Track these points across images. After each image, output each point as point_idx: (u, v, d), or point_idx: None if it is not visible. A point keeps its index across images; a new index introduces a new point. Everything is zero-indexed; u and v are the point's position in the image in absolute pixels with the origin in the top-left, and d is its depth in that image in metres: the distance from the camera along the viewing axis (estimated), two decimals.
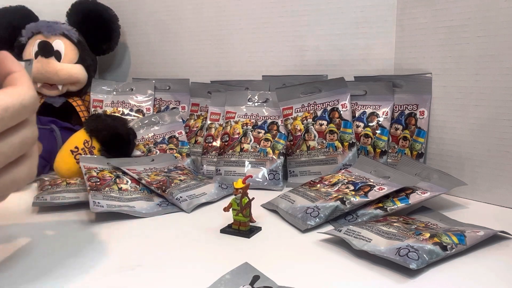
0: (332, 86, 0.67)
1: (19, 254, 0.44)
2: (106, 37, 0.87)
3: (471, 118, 0.58)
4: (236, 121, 0.72)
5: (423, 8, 0.62)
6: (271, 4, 0.75)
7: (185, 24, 0.85)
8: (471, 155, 0.59)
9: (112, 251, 0.44)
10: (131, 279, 0.39)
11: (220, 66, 0.83)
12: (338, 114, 0.66)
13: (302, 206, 0.52)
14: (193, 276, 0.39)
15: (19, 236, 0.48)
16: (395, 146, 0.65)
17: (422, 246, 0.39)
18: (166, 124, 0.76)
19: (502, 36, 0.55)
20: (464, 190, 0.59)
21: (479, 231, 0.44)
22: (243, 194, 0.47)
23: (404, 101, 0.65)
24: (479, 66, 0.57)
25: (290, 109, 0.69)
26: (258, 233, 0.48)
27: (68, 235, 0.48)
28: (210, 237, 0.48)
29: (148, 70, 0.92)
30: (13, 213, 0.56)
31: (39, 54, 0.78)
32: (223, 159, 0.69)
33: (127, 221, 0.52)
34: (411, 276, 0.38)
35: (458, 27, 0.58)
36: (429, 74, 0.62)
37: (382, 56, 0.68)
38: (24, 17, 0.82)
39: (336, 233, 0.45)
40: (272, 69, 0.77)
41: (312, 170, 0.66)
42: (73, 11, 0.85)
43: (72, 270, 0.40)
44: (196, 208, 0.56)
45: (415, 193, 0.51)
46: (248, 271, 0.37)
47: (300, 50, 0.75)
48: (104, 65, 0.96)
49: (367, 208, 0.51)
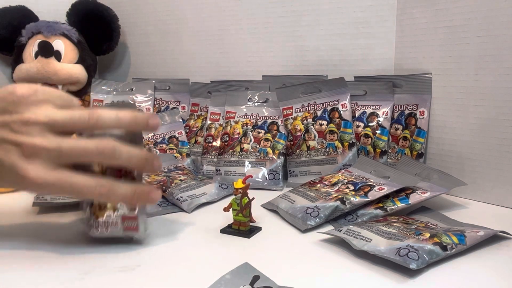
0: (332, 86, 0.67)
1: (19, 254, 0.43)
2: (106, 37, 0.87)
3: (471, 118, 0.58)
4: (236, 121, 0.72)
5: (423, 8, 0.62)
6: (271, 4, 0.75)
7: (185, 24, 0.85)
8: (471, 155, 0.59)
9: (112, 251, 0.44)
10: (131, 279, 0.39)
11: (220, 66, 0.83)
12: (338, 114, 0.66)
13: (302, 206, 0.52)
14: (193, 276, 0.39)
15: (19, 236, 0.48)
16: (395, 146, 0.65)
17: (422, 246, 0.39)
18: (166, 124, 0.76)
19: (502, 36, 0.55)
20: (464, 190, 0.59)
21: (479, 231, 0.44)
22: (243, 194, 0.47)
23: (404, 101, 0.65)
24: (479, 66, 0.57)
25: (290, 109, 0.69)
26: (258, 233, 0.48)
27: (68, 235, 0.48)
28: (210, 237, 0.48)
29: (148, 70, 0.92)
30: (13, 213, 0.56)
31: (39, 54, 0.78)
32: (223, 159, 0.69)
33: None
34: (411, 276, 0.38)
35: (458, 27, 0.58)
36: (429, 74, 0.62)
37: (382, 56, 0.68)
38: (24, 17, 0.82)
39: (336, 233, 0.45)
40: (272, 69, 0.77)
41: (312, 170, 0.66)
42: (73, 11, 0.85)
43: (72, 270, 0.40)
44: (196, 208, 0.56)
45: (415, 193, 0.51)
46: (248, 271, 0.37)
47: (300, 50, 0.75)
48: (104, 65, 0.96)
49: (367, 208, 0.51)
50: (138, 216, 0.44)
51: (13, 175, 0.39)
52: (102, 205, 0.44)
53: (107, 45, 0.87)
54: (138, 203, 0.43)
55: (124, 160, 0.41)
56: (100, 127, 0.41)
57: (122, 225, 0.44)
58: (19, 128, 0.39)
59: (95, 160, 0.41)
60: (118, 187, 0.41)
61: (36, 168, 0.39)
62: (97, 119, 0.41)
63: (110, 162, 0.42)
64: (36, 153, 0.39)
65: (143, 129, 0.44)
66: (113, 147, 0.40)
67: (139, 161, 0.42)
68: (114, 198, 0.42)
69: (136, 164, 0.42)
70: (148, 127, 0.43)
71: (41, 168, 0.39)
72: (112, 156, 0.40)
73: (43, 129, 0.40)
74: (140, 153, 0.42)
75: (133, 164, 0.42)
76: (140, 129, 0.44)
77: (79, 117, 0.41)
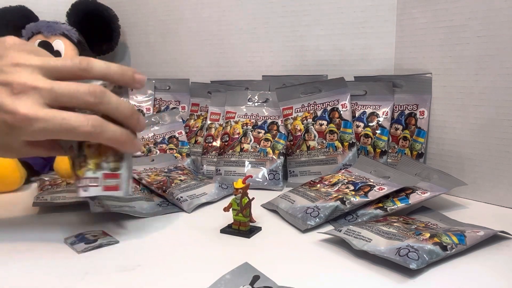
0: (332, 86, 0.67)
1: (19, 254, 0.44)
2: (106, 37, 0.87)
3: (471, 118, 0.58)
4: (236, 121, 0.72)
5: (423, 8, 0.62)
6: (271, 4, 0.75)
7: (185, 24, 0.85)
8: (471, 155, 0.59)
9: (112, 251, 0.44)
10: (131, 279, 0.39)
11: (220, 66, 0.83)
12: (338, 114, 0.66)
13: (302, 206, 0.52)
14: (193, 276, 0.39)
15: (19, 236, 0.48)
16: (395, 146, 0.65)
17: (422, 246, 0.39)
18: (166, 124, 0.76)
19: (502, 36, 0.55)
20: (464, 190, 0.59)
21: (479, 231, 0.44)
22: (243, 194, 0.47)
23: (404, 101, 0.65)
24: (479, 66, 0.57)
25: (290, 109, 0.69)
26: (258, 233, 0.48)
27: (68, 235, 0.48)
28: (210, 237, 0.48)
29: (148, 70, 0.92)
30: (13, 213, 0.56)
31: None
32: (223, 159, 0.69)
33: (128, 221, 0.52)
34: (411, 276, 0.38)
35: (458, 27, 0.58)
36: (429, 74, 0.62)
37: (382, 56, 0.68)
38: (24, 17, 0.82)
39: (336, 233, 0.45)
40: (272, 69, 0.77)
41: (312, 170, 0.66)
42: (73, 11, 0.85)
43: (72, 270, 0.40)
44: (196, 208, 0.56)
45: (415, 193, 0.51)
46: (248, 271, 0.37)
47: (300, 50, 0.75)
48: None
49: (367, 208, 0.51)
50: (121, 174, 0.43)
51: (1, 115, 0.38)
52: (83, 162, 0.43)
53: (107, 45, 0.87)
54: (124, 146, 0.43)
55: (112, 106, 0.41)
56: (90, 73, 0.41)
57: (104, 183, 0.43)
58: (9, 69, 0.39)
59: (85, 101, 0.40)
60: (108, 124, 0.41)
61: (26, 104, 0.38)
62: (87, 63, 0.41)
63: (98, 107, 0.41)
64: (26, 92, 0.38)
65: (129, 83, 0.44)
66: (103, 90, 0.41)
67: (126, 110, 0.42)
68: (105, 134, 0.41)
69: (123, 113, 0.42)
70: (134, 81, 0.44)
71: (31, 104, 0.38)
72: (102, 100, 0.40)
73: (34, 71, 0.39)
74: (128, 104, 0.43)
75: (120, 113, 0.42)
76: (126, 82, 0.44)
77: (71, 61, 0.41)
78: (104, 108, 0.41)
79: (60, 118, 0.39)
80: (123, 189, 0.44)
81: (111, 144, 0.42)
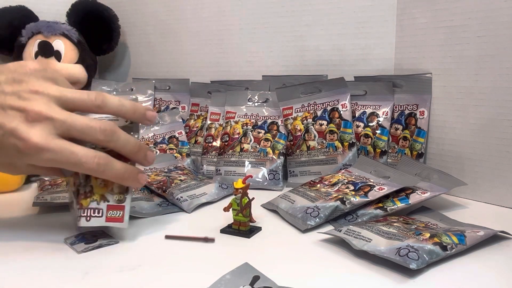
0: (332, 86, 0.67)
1: (19, 254, 0.43)
2: (106, 37, 0.87)
3: (471, 118, 0.59)
4: (236, 121, 0.72)
5: (423, 8, 0.62)
6: (271, 4, 0.75)
7: (185, 24, 0.85)
8: (471, 155, 0.59)
9: (112, 251, 0.44)
10: (131, 279, 0.39)
11: (220, 66, 0.83)
12: (338, 114, 0.66)
13: (302, 206, 0.52)
14: (193, 276, 0.39)
15: (19, 236, 0.48)
16: (395, 146, 0.65)
17: (422, 246, 0.39)
18: (166, 124, 0.76)
19: (502, 36, 0.55)
20: (464, 190, 0.59)
21: (479, 231, 0.44)
22: (243, 194, 0.47)
23: (404, 101, 0.65)
24: (479, 66, 0.57)
25: (290, 109, 0.69)
26: (258, 233, 0.48)
27: (68, 235, 0.48)
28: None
29: (148, 70, 0.92)
30: (13, 213, 0.56)
31: (39, 54, 0.77)
32: (223, 159, 0.69)
33: None
34: (411, 276, 0.38)
35: (458, 27, 0.58)
36: (429, 74, 0.62)
37: (382, 56, 0.68)
38: (24, 17, 0.82)
39: (336, 233, 0.45)
40: (272, 69, 0.77)
41: (312, 170, 0.66)
42: (73, 11, 0.85)
43: (72, 270, 0.40)
44: (196, 208, 0.56)
45: (415, 193, 0.51)
46: (248, 271, 0.37)
47: (300, 50, 0.75)
48: (104, 65, 0.96)
49: (367, 208, 0.51)
50: (125, 206, 0.44)
51: (13, 140, 0.39)
52: (88, 193, 0.44)
53: (107, 45, 0.87)
54: (127, 182, 0.44)
55: (120, 144, 0.43)
56: (104, 110, 0.43)
57: (106, 215, 0.44)
58: (27, 96, 0.40)
59: (95, 137, 0.42)
60: (114, 162, 0.42)
61: (38, 133, 0.39)
62: (102, 100, 0.42)
63: (107, 144, 0.42)
64: (41, 121, 0.39)
65: (140, 120, 0.46)
66: (114, 129, 0.42)
67: (133, 147, 0.44)
68: (109, 172, 0.42)
69: (130, 151, 0.44)
70: (145, 118, 0.45)
71: (43, 133, 0.39)
72: (111, 138, 0.42)
73: (51, 100, 0.40)
74: (136, 141, 0.44)
75: (127, 150, 0.44)
76: (138, 119, 0.46)
77: (88, 96, 0.42)
78: (113, 145, 0.43)
79: (69, 152, 0.40)
80: (126, 221, 0.45)
81: (114, 180, 0.44)
